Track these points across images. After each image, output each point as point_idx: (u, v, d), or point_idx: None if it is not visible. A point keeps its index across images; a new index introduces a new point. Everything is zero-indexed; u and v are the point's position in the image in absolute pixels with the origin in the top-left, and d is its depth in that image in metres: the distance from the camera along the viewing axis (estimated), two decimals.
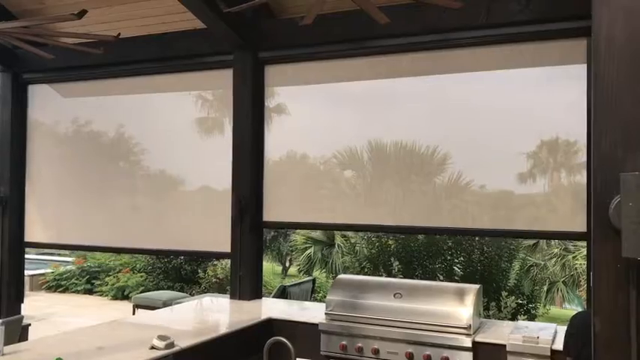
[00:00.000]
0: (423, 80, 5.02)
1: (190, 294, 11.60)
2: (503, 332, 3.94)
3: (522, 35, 4.52)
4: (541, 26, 4.40)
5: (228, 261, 5.80)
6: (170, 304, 8.01)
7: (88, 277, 13.79)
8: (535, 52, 4.59)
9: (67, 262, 15.39)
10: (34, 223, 6.67)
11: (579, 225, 4.39)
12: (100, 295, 13.22)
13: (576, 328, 3.10)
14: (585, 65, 4.27)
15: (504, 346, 3.72)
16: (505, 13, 4.43)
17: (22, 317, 5.17)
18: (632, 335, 1.84)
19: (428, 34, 4.74)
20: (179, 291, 11.75)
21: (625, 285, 1.85)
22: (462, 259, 9.22)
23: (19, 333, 4.96)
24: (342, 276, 4.86)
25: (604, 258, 1.88)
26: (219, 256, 5.99)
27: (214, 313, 5.05)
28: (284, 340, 3.30)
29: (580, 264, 12.29)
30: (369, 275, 9.38)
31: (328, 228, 5.54)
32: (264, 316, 4.56)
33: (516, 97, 4.66)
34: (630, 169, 1.81)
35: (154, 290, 11.69)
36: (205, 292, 11.53)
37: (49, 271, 14.23)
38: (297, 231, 14.74)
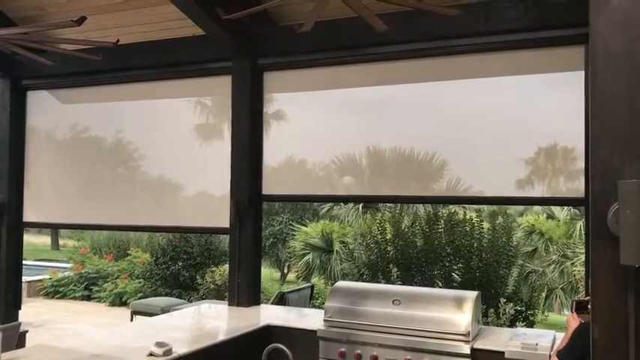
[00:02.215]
0: (421, 87, 5.03)
1: (188, 300, 11.58)
2: (502, 339, 3.94)
3: (521, 42, 4.54)
4: (539, 33, 4.42)
5: (227, 267, 5.79)
6: (168, 311, 8.01)
7: (86, 283, 13.75)
8: (533, 59, 4.61)
9: (65, 268, 15.36)
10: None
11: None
12: (98, 302, 13.18)
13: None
14: (583, 72, 4.29)
15: (503, 353, 3.72)
16: (503, 20, 4.45)
17: (20, 324, 5.14)
18: (630, 341, 1.84)
19: (426, 41, 4.76)
20: (177, 297, 11.73)
21: (623, 292, 1.86)
22: (460, 265, 9.20)
23: (16, 339, 4.93)
24: (340, 283, 4.86)
25: (602, 265, 1.89)
26: (218, 231, 6.03)
27: (212, 320, 5.04)
28: (282, 347, 3.29)
29: (578, 270, 12.29)
30: (367, 282, 9.36)
31: (327, 200, 5.51)
32: (262, 323, 4.55)
33: (515, 103, 4.68)
34: (628, 177, 1.81)
35: (152, 296, 11.67)
36: (203, 299, 11.51)
37: (46, 277, 14.19)
38: (296, 237, 14.72)
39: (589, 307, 2.70)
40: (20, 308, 6.68)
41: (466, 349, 3.82)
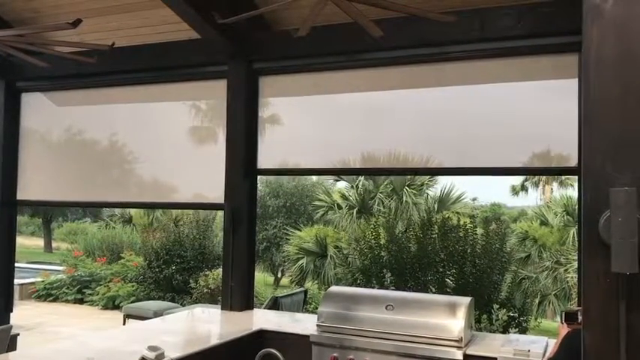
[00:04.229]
0: (416, 93, 5.05)
1: (181, 304, 11.56)
2: (495, 345, 3.94)
3: (515, 49, 4.56)
4: (533, 41, 4.44)
5: (220, 271, 5.76)
6: (161, 315, 7.99)
7: (78, 286, 13.70)
8: (528, 66, 4.63)
9: (58, 271, 15.30)
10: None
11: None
12: (91, 305, 13.13)
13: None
14: (577, 79, 4.31)
15: (495, 359, 3.72)
16: (498, 27, 4.48)
17: (11, 327, 5.11)
18: (621, 349, 1.85)
19: (421, 47, 4.78)
20: (170, 301, 11.70)
21: (615, 299, 1.86)
22: (453, 271, 9.21)
23: (7, 343, 4.91)
24: (333, 287, 4.85)
25: (594, 272, 1.89)
26: (213, 207, 5.93)
27: (205, 324, 5.03)
28: (275, 351, 3.29)
29: (571, 277, 12.33)
30: (361, 287, 9.36)
31: (322, 173, 5.34)
32: (255, 327, 4.54)
33: (509, 110, 4.70)
34: (620, 185, 1.82)
35: (144, 300, 11.63)
36: (196, 303, 11.48)
37: (39, 280, 14.12)
38: (290, 241, 14.71)
39: (579, 317, 2.71)
40: (12, 311, 6.65)
41: (459, 354, 3.82)
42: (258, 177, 5.42)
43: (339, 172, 5.37)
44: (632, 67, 1.85)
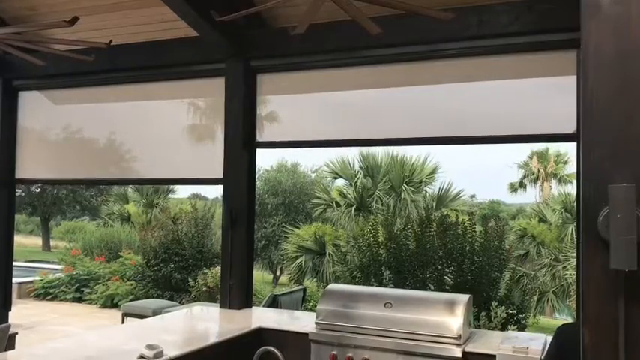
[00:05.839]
0: (414, 90, 5.05)
1: (180, 302, 11.55)
2: (494, 342, 3.95)
3: (513, 47, 4.56)
4: (531, 37, 4.44)
5: (219, 269, 5.75)
6: (159, 313, 7.99)
7: (77, 285, 13.70)
8: (525, 63, 4.63)
9: (56, 269, 15.29)
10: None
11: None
12: (89, 304, 13.13)
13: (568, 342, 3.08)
14: (575, 76, 4.31)
15: (494, 356, 3.73)
16: (496, 24, 4.47)
17: (9, 325, 5.10)
18: (620, 346, 1.85)
19: (419, 44, 4.77)
20: (169, 299, 11.70)
21: (613, 296, 1.86)
22: (452, 268, 9.21)
23: (5, 341, 4.90)
24: (332, 285, 4.85)
25: (592, 269, 1.89)
26: (211, 182, 5.88)
27: (204, 322, 5.03)
28: (274, 349, 3.29)
29: (570, 274, 12.36)
30: (360, 284, 9.36)
31: (321, 145, 5.21)
32: (254, 326, 4.54)
33: (507, 107, 4.70)
34: (618, 181, 1.82)
35: (143, 298, 11.64)
36: (195, 301, 11.48)
37: (37, 278, 14.11)
38: (289, 239, 14.71)
39: None
40: (10, 310, 6.64)
41: (457, 352, 3.83)
42: (257, 176, 5.39)
43: (337, 145, 5.24)
44: (631, 63, 1.85)
